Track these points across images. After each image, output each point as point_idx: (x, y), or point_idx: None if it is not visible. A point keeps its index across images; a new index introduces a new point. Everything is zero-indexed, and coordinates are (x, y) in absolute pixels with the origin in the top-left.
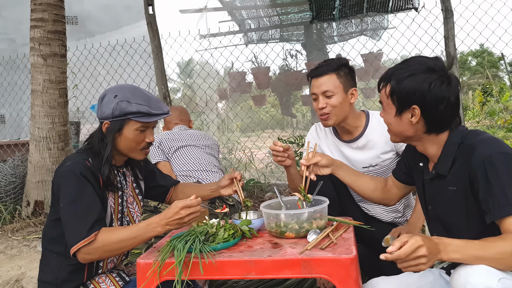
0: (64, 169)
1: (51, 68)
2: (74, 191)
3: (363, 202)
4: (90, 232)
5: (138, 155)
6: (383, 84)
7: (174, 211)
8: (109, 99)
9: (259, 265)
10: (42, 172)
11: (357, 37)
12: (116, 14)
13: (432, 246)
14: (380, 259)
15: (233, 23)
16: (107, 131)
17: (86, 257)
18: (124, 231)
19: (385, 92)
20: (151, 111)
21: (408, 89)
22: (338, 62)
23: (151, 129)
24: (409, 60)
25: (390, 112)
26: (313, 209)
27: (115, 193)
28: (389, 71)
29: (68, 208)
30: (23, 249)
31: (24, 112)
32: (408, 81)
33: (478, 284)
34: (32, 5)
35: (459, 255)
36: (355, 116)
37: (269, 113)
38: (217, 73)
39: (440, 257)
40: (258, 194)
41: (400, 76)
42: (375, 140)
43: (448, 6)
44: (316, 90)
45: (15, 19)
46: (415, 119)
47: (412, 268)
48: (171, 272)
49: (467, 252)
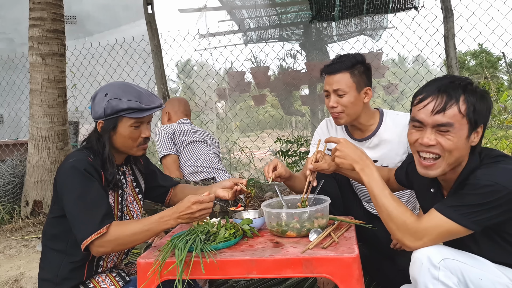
0: (67, 166)
1: (50, 67)
2: (80, 186)
3: (367, 202)
4: (101, 225)
5: (136, 151)
6: (448, 101)
7: (186, 206)
8: (100, 98)
9: (260, 265)
10: (41, 172)
11: (356, 37)
12: (115, 14)
13: (352, 152)
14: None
15: (232, 23)
16: (102, 131)
17: (99, 249)
18: (137, 224)
19: (460, 110)
20: (142, 106)
21: (488, 105)
22: (353, 60)
23: (146, 124)
24: (451, 75)
25: (461, 134)
26: (314, 208)
27: (115, 192)
28: (449, 85)
29: (75, 203)
30: (21, 249)
31: (22, 112)
32: (485, 96)
33: (422, 256)
34: (30, 4)
35: (366, 180)
36: (368, 115)
37: (269, 113)
38: (217, 73)
39: (354, 166)
40: (258, 194)
41: (475, 91)
42: (389, 140)
43: (448, 5)
44: (328, 87)
45: (14, 19)
46: (477, 139)
47: (333, 156)
48: (172, 272)
49: (372, 185)
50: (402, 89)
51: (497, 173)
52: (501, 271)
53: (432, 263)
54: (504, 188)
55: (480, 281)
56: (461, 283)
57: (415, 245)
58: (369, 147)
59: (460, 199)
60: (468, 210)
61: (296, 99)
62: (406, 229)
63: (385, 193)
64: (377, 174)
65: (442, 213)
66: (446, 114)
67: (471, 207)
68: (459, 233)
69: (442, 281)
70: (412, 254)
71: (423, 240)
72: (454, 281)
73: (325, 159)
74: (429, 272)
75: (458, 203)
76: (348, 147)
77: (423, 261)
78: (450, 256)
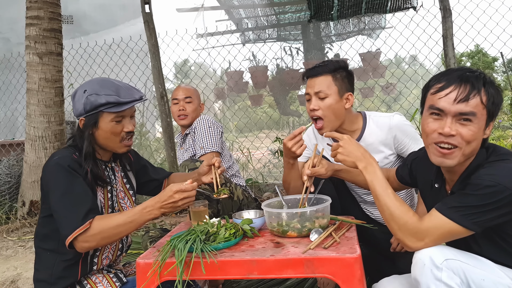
0: (51, 164)
1: (47, 66)
2: (64, 183)
3: (364, 203)
4: (84, 221)
5: (118, 148)
6: (474, 92)
7: (168, 195)
8: (79, 95)
9: (261, 265)
10: (37, 172)
11: (355, 36)
12: (112, 13)
13: (355, 149)
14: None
15: (230, 22)
16: (83, 127)
17: (84, 245)
18: (120, 216)
19: (482, 100)
20: (121, 99)
21: (500, 99)
22: (336, 64)
23: (128, 118)
24: (466, 67)
25: (481, 126)
26: (315, 208)
27: (104, 188)
28: (471, 75)
29: (59, 200)
30: (18, 249)
31: (19, 112)
32: (497, 89)
33: (424, 257)
34: (27, 3)
35: (369, 179)
36: (351, 120)
37: (267, 113)
38: (214, 73)
39: (357, 164)
40: (256, 194)
41: (492, 82)
42: (374, 144)
43: (446, 5)
44: (309, 90)
45: (10, 18)
46: (489, 132)
47: (334, 152)
48: (171, 272)
49: (374, 184)
50: (401, 89)
51: (501, 173)
52: (503, 272)
53: (434, 264)
54: (506, 189)
55: (482, 282)
56: (464, 284)
57: (417, 246)
58: None
59: (461, 199)
60: (470, 211)
61: (294, 99)
62: (407, 230)
63: (387, 192)
64: (380, 173)
65: (443, 213)
66: (469, 103)
67: (472, 208)
68: (461, 234)
69: (445, 282)
70: (414, 254)
71: (425, 241)
72: (457, 282)
73: (322, 164)
74: (432, 273)
75: (460, 204)
76: (351, 144)
77: (425, 262)
78: (452, 256)
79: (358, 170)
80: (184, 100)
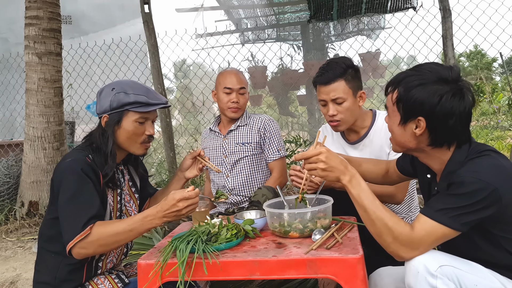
0: (65, 165)
1: (46, 66)
2: (74, 187)
3: None
4: (85, 227)
5: (138, 149)
6: (391, 89)
7: (171, 203)
8: (107, 92)
9: (263, 266)
10: (36, 173)
11: (354, 37)
12: (110, 13)
13: (339, 163)
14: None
15: (229, 23)
16: (106, 125)
17: (81, 251)
18: (120, 224)
19: (392, 98)
20: (149, 100)
21: (416, 99)
22: (343, 65)
23: (151, 122)
24: (421, 67)
25: (394, 120)
26: (317, 208)
27: (114, 191)
28: (398, 76)
29: (66, 204)
30: (17, 250)
31: (17, 112)
32: (417, 91)
33: (418, 264)
34: (26, 3)
35: (355, 193)
36: (363, 117)
37: (266, 113)
38: (214, 72)
39: (341, 178)
40: None
41: (409, 84)
42: (378, 142)
43: (446, 6)
44: (325, 97)
45: (8, 18)
46: (419, 131)
47: (310, 166)
48: (173, 273)
49: (361, 197)
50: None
51: (481, 169)
52: (494, 277)
53: (429, 272)
54: (488, 185)
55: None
56: None
57: (411, 256)
58: (361, 150)
59: (447, 200)
60: (456, 212)
61: (292, 100)
62: (401, 241)
63: (376, 204)
64: (365, 184)
65: (432, 218)
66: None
67: (458, 209)
68: (450, 236)
69: None
70: (407, 262)
71: (419, 250)
72: None
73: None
74: (426, 281)
75: (446, 206)
76: (332, 159)
77: (419, 270)
78: (446, 262)
79: (357, 165)
80: (238, 91)
